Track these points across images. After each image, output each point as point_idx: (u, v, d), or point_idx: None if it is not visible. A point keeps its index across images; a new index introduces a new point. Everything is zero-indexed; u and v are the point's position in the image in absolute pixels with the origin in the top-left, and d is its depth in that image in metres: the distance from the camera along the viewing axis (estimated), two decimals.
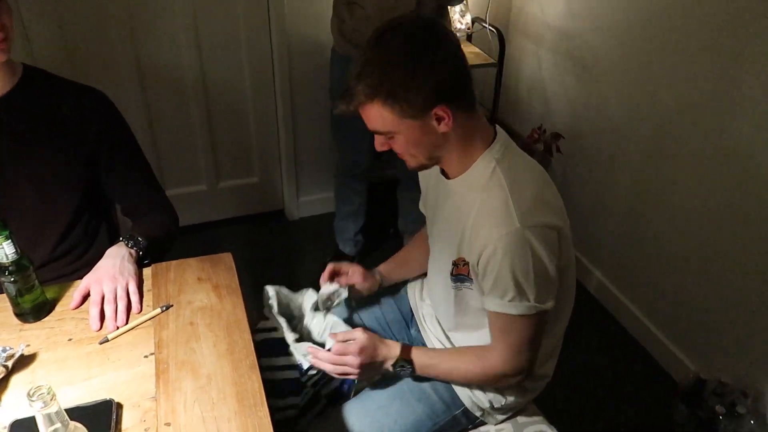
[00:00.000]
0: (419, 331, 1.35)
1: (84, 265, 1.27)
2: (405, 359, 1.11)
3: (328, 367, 1.11)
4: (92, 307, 1.08)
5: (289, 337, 1.20)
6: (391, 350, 1.12)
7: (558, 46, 2.29)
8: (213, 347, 1.04)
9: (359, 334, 1.11)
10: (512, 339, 1.04)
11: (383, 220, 2.64)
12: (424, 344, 1.33)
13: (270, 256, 2.53)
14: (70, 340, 1.05)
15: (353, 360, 1.09)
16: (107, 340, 1.04)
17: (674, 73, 1.80)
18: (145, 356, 1.02)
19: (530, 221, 0.95)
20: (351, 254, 2.41)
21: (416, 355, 1.12)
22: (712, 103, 1.69)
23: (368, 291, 1.35)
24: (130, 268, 1.16)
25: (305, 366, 1.17)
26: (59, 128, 1.22)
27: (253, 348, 1.04)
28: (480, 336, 1.13)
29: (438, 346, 1.28)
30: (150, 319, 1.10)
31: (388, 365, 1.12)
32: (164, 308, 1.11)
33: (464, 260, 1.05)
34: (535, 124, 2.39)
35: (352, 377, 1.13)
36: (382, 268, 1.39)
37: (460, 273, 1.08)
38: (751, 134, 1.59)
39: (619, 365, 2.05)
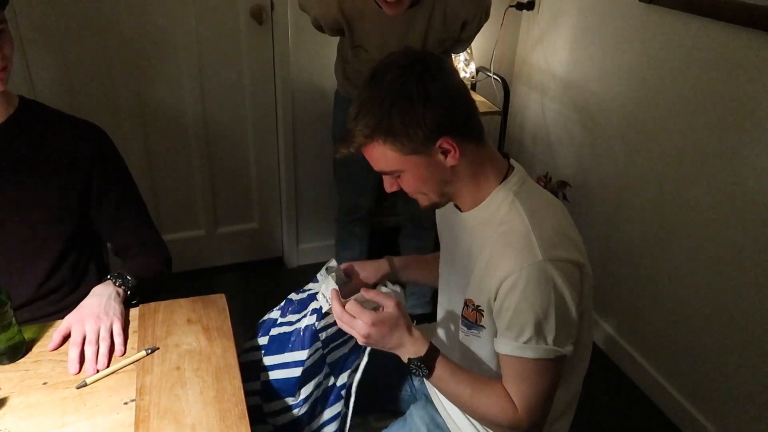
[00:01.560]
0: (422, 381, 1.27)
1: (69, 306, 1.19)
2: (425, 363, 0.96)
3: (336, 315, 0.98)
4: (72, 348, 1.01)
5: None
6: (416, 345, 0.96)
7: (562, 94, 2.29)
8: (199, 394, 0.96)
9: (389, 308, 0.96)
10: (526, 387, 0.95)
11: None
12: (426, 395, 1.24)
13: (267, 303, 2.41)
14: (45, 383, 0.97)
15: (361, 327, 0.95)
16: (85, 385, 0.96)
17: (679, 119, 1.77)
18: (125, 403, 0.94)
19: (553, 255, 0.89)
20: None
21: (440, 365, 0.97)
22: (719, 149, 1.66)
23: (375, 277, 1.25)
24: (116, 307, 1.09)
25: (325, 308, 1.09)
26: (52, 160, 1.18)
27: (243, 396, 0.96)
28: None
29: (442, 397, 1.19)
30: (133, 362, 1.02)
31: (403, 355, 0.98)
32: (149, 351, 1.04)
33: (474, 303, 0.98)
34: (540, 172, 2.36)
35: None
36: (396, 259, 1.29)
37: (468, 318, 1.01)
38: (762, 179, 1.55)
39: (631, 424, 1.94)
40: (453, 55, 2.10)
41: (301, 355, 1.11)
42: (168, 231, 2.43)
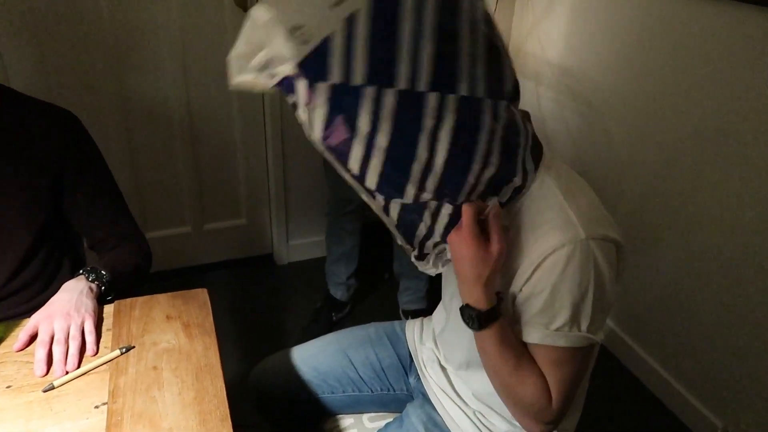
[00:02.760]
0: (419, 379, 1.19)
1: (41, 304, 1.11)
2: (479, 318, 0.85)
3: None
4: (39, 349, 0.93)
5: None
6: (480, 295, 0.84)
7: (558, 82, 2.22)
8: (178, 395, 0.88)
9: (493, 246, 0.82)
10: (557, 376, 0.87)
11: (378, 263, 2.51)
12: (423, 393, 1.17)
13: (257, 301, 2.37)
14: (8, 387, 0.89)
15: (457, 231, 0.83)
16: (53, 387, 0.88)
17: (682, 105, 1.71)
18: (96, 406, 0.86)
19: (594, 232, 0.82)
20: (343, 299, 2.26)
21: (493, 329, 0.86)
22: (726, 135, 1.60)
23: None
24: (88, 303, 1.01)
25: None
26: (21, 147, 1.10)
27: (225, 397, 0.88)
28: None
29: (440, 395, 1.12)
30: (106, 362, 0.94)
31: (463, 296, 0.86)
32: (124, 350, 0.96)
33: (499, 294, 0.90)
34: None
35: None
36: None
37: None
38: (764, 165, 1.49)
39: (636, 422, 1.88)
40: None
41: None
42: (153, 228, 2.34)
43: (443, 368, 1.13)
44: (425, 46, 0.69)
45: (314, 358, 1.23)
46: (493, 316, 0.85)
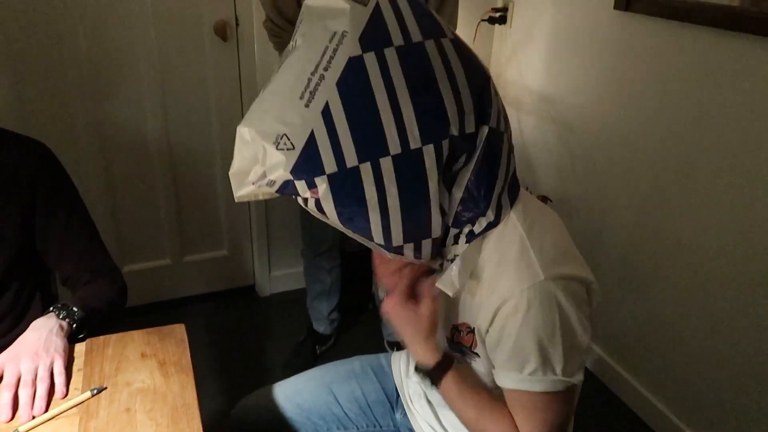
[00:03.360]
0: (405, 415, 1.15)
1: (9, 344, 1.06)
2: (430, 375, 0.90)
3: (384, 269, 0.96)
4: (4, 392, 0.88)
5: None
6: (426, 354, 0.90)
7: (539, 108, 2.23)
8: None
9: (423, 308, 0.89)
10: (535, 423, 0.85)
11: (360, 294, 2.46)
12: (411, 430, 1.13)
13: (239, 335, 2.31)
14: None
15: (389, 300, 0.92)
16: None
17: (661, 128, 1.72)
18: None
19: (556, 272, 0.80)
20: (327, 333, 2.21)
21: (447, 381, 0.89)
22: (705, 157, 1.60)
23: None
24: (57, 343, 0.96)
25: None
26: None
27: None
28: None
29: (428, 431, 1.08)
30: (76, 405, 0.89)
31: (412, 358, 0.94)
32: (95, 391, 0.91)
33: (468, 326, 0.88)
34: None
35: None
36: None
37: (462, 343, 0.90)
38: (752, 185, 1.49)
39: None
40: None
41: None
42: (131, 261, 2.29)
43: (429, 402, 1.09)
44: (405, 106, 0.71)
45: (298, 395, 1.18)
46: (444, 367, 0.89)
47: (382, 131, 0.70)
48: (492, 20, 2.32)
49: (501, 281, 0.82)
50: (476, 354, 0.90)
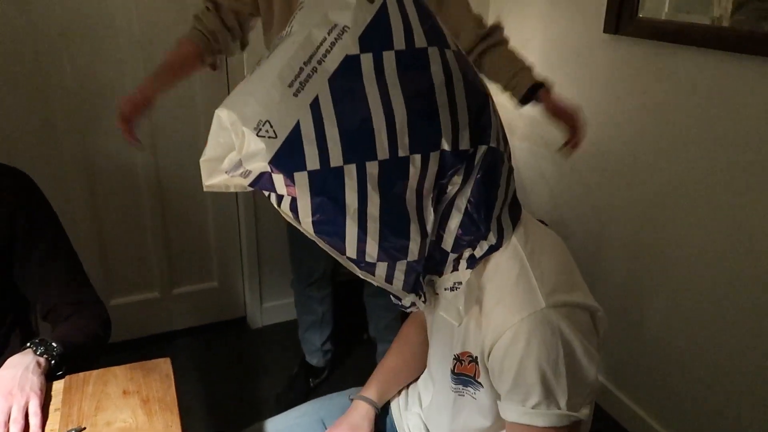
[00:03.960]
0: None
1: None
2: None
3: None
4: None
5: None
6: None
7: (531, 132, 2.22)
8: None
9: None
10: None
11: (354, 324, 2.41)
12: None
13: (230, 369, 2.25)
14: None
15: None
16: None
17: (656, 150, 1.71)
18: None
19: (558, 299, 0.76)
20: (320, 366, 2.15)
21: None
22: (701, 179, 1.59)
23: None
24: (34, 381, 0.91)
25: None
26: None
27: None
28: None
29: None
30: None
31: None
32: None
33: (470, 355, 0.83)
34: None
35: None
36: (373, 392, 1.09)
37: (464, 372, 0.86)
38: (746, 208, 1.47)
39: None
40: None
41: None
42: (118, 294, 2.23)
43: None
44: (398, 112, 0.67)
45: (290, 431, 1.12)
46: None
47: (373, 135, 0.66)
48: None
49: (500, 309, 0.77)
50: (480, 384, 0.85)
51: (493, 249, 0.79)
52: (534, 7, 2.13)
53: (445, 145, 0.70)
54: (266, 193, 0.71)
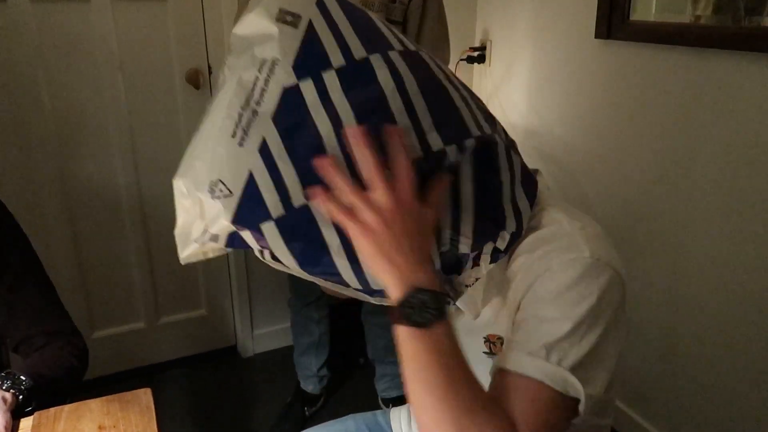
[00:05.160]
0: None
1: None
2: (433, 306, 0.60)
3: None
4: None
5: None
6: (428, 275, 0.62)
7: (524, 143, 2.18)
8: None
9: (431, 205, 0.64)
10: (523, 406, 0.63)
11: (350, 348, 2.32)
12: None
13: (221, 400, 2.14)
14: None
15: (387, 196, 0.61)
16: None
17: (652, 154, 1.66)
18: None
19: (604, 257, 0.68)
20: (316, 392, 2.06)
21: (446, 327, 0.61)
22: (701, 182, 1.54)
23: None
24: None
25: None
26: None
27: None
28: None
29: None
30: None
31: (396, 282, 0.61)
32: None
33: (500, 338, 0.75)
34: None
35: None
36: None
37: (498, 354, 0.78)
38: (744, 205, 1.42)
39: None
40: None
41: None
42: (101, 326, 2.14)
43: None
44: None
45: None
46: (444, 302, 0.62)
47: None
48: (471, 59, 2.30)
49: (543, 258, 0.68)
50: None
51: (515, 236, 0.71)
52: (523, 16, 2.10)
53: (415, 153, 0.63)
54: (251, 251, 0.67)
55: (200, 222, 0.65)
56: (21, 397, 0.89)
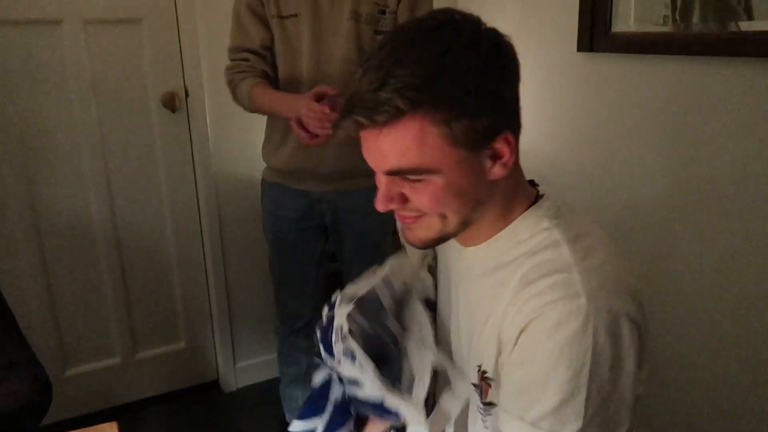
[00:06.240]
0: None
1: None
2: None
3: None
4: None
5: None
6: None
7: None
8: None
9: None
10: None
11: None
12: None
13: None
14: None
15: None
16: None
17: (642, 166, 1.63)
18: None
19: (602, 300, 0.60)
20: None
21: None
22: (695, 195, 1.51)
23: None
24: None
25: None
26: None
27: None
28: None
29: None
30: None
31: None
32: None
33: (482, 369, 0.68)
34: None
35: None
36: None
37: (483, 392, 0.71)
38: (736, 221, 1.39)
39: None
40: None
41: None
42: (73, 363, 2.03)
43: None
44: None
45: None
46: None
47: None
48: None
49: (534, 297, 0.63)
50: (494, 405, 0.70)
51: None
52: (504, 31, 2.09)
53: None
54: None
55: None
56: None
